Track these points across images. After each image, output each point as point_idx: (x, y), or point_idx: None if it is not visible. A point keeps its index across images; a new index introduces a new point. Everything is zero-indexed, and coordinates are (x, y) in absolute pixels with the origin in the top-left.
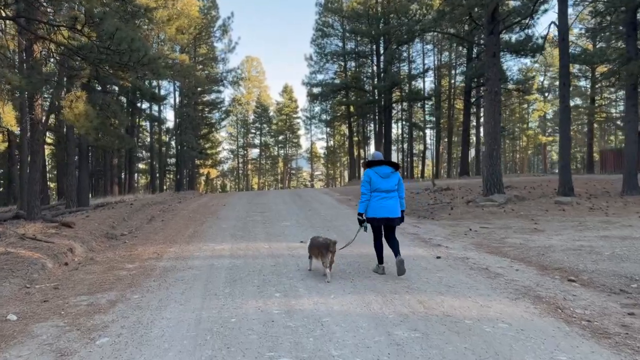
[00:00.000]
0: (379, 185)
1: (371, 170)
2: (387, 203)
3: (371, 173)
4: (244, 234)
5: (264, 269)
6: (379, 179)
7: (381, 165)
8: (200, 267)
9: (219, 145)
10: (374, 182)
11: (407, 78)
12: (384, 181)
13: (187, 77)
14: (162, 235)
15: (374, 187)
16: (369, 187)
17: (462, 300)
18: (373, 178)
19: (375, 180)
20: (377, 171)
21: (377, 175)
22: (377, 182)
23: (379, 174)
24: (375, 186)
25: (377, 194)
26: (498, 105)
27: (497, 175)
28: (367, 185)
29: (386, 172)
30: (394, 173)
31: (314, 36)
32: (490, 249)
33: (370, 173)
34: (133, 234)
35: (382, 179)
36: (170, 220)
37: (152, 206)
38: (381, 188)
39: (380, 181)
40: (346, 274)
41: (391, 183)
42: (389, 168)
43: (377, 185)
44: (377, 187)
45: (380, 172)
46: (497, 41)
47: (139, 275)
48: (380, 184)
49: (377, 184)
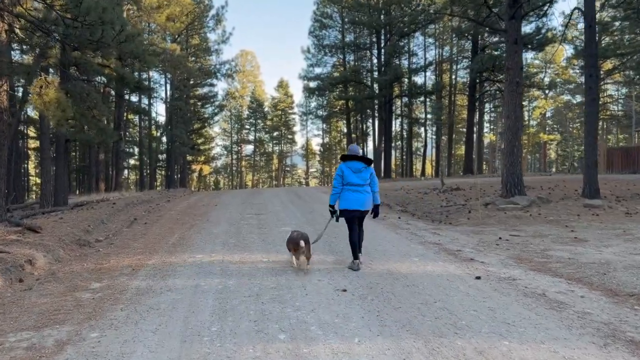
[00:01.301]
0: (350, 179)
1: (344, 165)
2: (359, 196)
3: (344, 167)
4: (237, 241)
5: (262, 293)
6: (351, 173)
7: (354, 160)
8: (182, 289)
9: (212, 141)
10: (346, 176)
11: (408, 72)
12: (356, 176)
13: (178, 68)
14: (142, 243)
15: (346, 181)
16: (340, 180)
17: (534, 349)
18: (345, 172)
19: (347, 174)
20: (349, 166)
21: (350, 170)
22: (349, 176)
23: (351, 169)
24: (347, 180)
25: (348, 187)
26: (519, 98)
27: (517, 174)
28: (339, 179)
29: (358, 167)
30: (366, 168)
31: (312, 27)
32: (534, 265)
33: (343, 167)
34: (110, 239)
35: (354, 174)
36: (155, 222)
37: (137, 206)
38: (352, 182)
39: (352, 176)
40: (369, 302)
41: (363, 177)
42: (361, 164)
43: (349, 179)
44: (349, 181)
45: (353, 167)
46: (519, 26)
47: (105, 299)
48: (351, 178)
49: (349, 178)
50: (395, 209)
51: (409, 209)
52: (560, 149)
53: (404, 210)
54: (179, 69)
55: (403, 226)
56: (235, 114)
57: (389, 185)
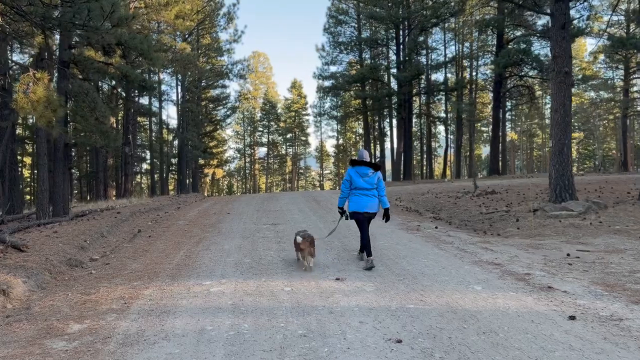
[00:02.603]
0: (358, 183)
1: (352, 170)
2: (366, 200)
3: (352, 172)
4: (252, 261)
5: (288, 345)
6: (359, 178)
7: (362, 165)
8: (182, 337)
9: (224, 144)
10: (354, 180)
11: (427, 68)
12: (363, 180)
13: (188, 68)
14: (142, 263)
15: (354, 185)
16: (348, 185)
17: None
18: (353, 177)
19: (355, 179)
20: (357, 171)
21: (357, 175)
22: (356, 181)
23: (359, 174)
24: (355, 184)
25: (355, 191)
26: (569, 89)
27: (568, 176)
28: (346, 184)
29: (365, 172)
30: (374, 173)
31: (327, 24)
32: (632, 295)
33: (351, 172)
34: (106, 258)
35: (362, 178)
36: (160, 236)
37: (144, 214)
38: (360, 186)
39: (360, 180)
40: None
41: (370, 182)
42: (369, 169)
43: (357, 183)
44: (356, 185)
45: (360, 171)
46: (567, 9)
47: (80, 353)
48: (359, 182)
49: (357, 182)
50: (426, 215)
51: (442, 215)
52: (582, 147)
53: (437, 218)
54: (189, 69)
55: (444, 238)
56: (248, 116)
57: (413, 188)
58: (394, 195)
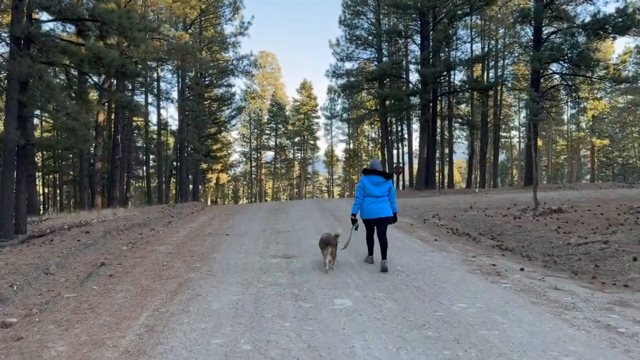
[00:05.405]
0: (370, 191)
1: (365, 178)
2: (378, 206)
3: (365, 180)
4: (254, 348)
5: None
6: (372, 186)
7: (374, 174)
8: None
9: (229, 147)
10: (367, 188)
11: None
12: (375, 188)
13: (187, 60)
14: (70, 342)
15: (367, 193)
16: (362, 192)
17: None
18: (366, 185)
19: (368, 187)
20: (370, 179)
21: (370, 183)
22: (369, 188)
23: (371, 182)
24: (367, 192)
25: (369, 199)
26: None
27: None
28: (361, 191)
29: (377, 181)
30: (385, 182)
31: (343, 16)
32: None
33: (365, 180)
34: (27, 323)
35: (374, 186)
36: (127, 274)
37: (122, 233)
38: (372, 194)
39: (373, 188)
40: None
41: (382, 190)
42: (380, 177)
43: (369, 191)
44: (369, 192)
45: (373, 180)
46: None
47: None
48: (372, 190)
49: (370, 190)
50: (485, 243)
51: (508, 244)
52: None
53: (502, 247)
54: (189, 61)
55: (551, 295)
56: (254, 118)
57: (444, 200)
58: (427, 209)
